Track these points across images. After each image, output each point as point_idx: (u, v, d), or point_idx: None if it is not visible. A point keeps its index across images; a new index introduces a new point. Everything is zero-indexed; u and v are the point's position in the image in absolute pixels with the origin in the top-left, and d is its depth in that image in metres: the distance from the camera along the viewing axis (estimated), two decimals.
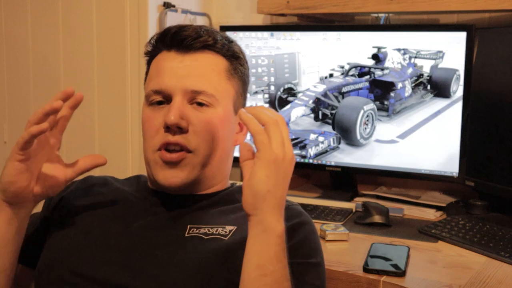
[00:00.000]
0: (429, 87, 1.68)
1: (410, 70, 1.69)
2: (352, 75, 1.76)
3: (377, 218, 1.57)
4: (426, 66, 1.67)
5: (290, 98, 1.84)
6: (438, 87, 1.67)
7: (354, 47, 1.74)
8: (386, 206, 1.62)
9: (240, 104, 1.12)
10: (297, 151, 1.84)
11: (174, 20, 1.87)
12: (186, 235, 1.01)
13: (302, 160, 1.84)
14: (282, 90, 1.85)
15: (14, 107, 2.15)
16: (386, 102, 1.73)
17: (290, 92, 1.84)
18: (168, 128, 1.02)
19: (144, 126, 1.07)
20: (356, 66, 1.75)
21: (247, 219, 0.91)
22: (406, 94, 1.70)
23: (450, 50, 1.63)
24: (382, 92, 1.73)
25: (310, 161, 1.83)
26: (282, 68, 1.84)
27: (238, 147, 1.01)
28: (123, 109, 1.86)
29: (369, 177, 1.91)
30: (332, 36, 1.76)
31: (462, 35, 1.60)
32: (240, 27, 1.89)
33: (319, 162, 1.83)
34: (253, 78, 1.88)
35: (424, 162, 1.70)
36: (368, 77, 1.74)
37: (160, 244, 1.00)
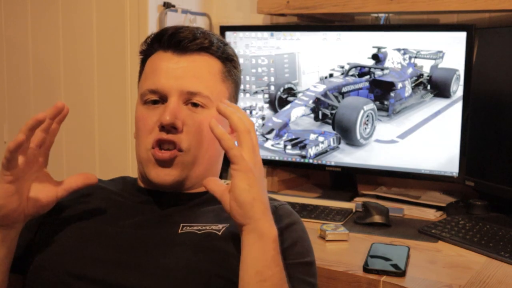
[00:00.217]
0: (429, 87, 1.68)
1: (410, 70, 1.69)
2: (352, 75, 1.76)
3: (377, 218, 1.57)
4: (426, 66, 1.67)
5: (290, 98, 1.84)
6: (438, 87, 1.67)
7: (354, 47, 1.74)
8: (386, 206, 1.62)
9: None
10: (297, 151, 1.84)
11: (174, 20, 1.87)
12: (179, 232, 1.02)
13: (302, 160, 1.84)
14: (282, 90, 1.85)
15: (14, 107, 2.15)
16: (386, 102, 1.73)
17: (290, 92, 1.84)
18: (163, 127, 1.03)
19: (138, 125, 1.08)
20: (356, 66, 1.75)
21: (239, 229, 0.92)
22: (406, 94, 1.70)
23: (450, 50, 1.63)
24: (382, 92, 1.73)
25: (310, 161, 1.83)
26: (282, 68, 1.84)
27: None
28: (123, 109, 1.86)
29: (369, 177, 1.91)
30: (332, 36, 1.76)
31: (462, 35, 1.60)
32: (240, 27, 1.89)
33: (319, 162, 1.83)
34: (253, 78, 1.88)
35: (424, 162, 1.70)
36: (368, 77, 1.74)
37: (154, 242, 1.01)
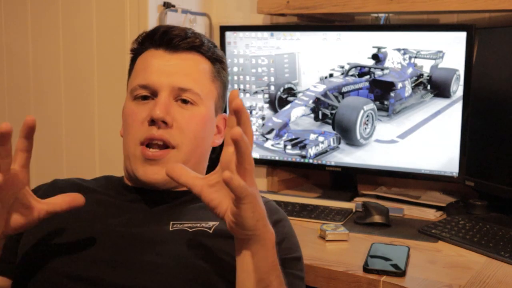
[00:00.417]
0: (429, 87, 1.68)
1: (410, 70, 1.69)
2: (352, 75, 1.76)
3: (377, 218, 1.57)
4: (426, 66, 1.67)
5: (290, 98, 1.84)
6: (438, 87, 1.67)
7: (354, 47, 1.74)
8: (386, 206, 1.62)
9: (220, 106, 1.15)
10: (297, 151, 1.84)
11: (174, 20, 1.87)
12: (170, 230, 1.03)
13: (302, 160, 1.84)
14: (282, 90, 1.85)
15: (14, 107, 2.15)
16: (386, 102, 1.73)
17: (290, 92, 1.84)
18: (153, 122, 1.04)
19: (127, 120, 1.09)
20: (356, 66, 1.75)
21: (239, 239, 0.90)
22: (406, 94, 1.70)
23: (450, 50, 1.63)
24: (382, 92, 1.73)
25: (310, 161, 1.83)
26: (282, 68, 1.84)
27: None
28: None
29: (369, 177, 1.91)
30: (332, 36, 1.76)
31: (462, 35, 1.60)
32: (240, 27, 1.89)
33: (319, 162, 1.83)
34: (253, 78, 1.88)
35: (424, 162, 1.70)
36: (368, 77, 1.74)
37: (146, 240, 1.01)
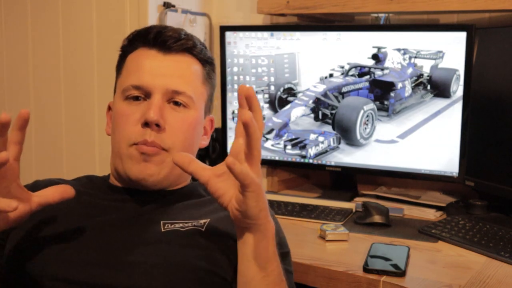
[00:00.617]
0: (429, 87, 1.68)
1: (410, 70, 1.69)
2: (352, 75, 1.76)
3: (377, 218, 1.57)
4: (426, 66, 1.67)
5: (290, 98, 1.84)
6: (438, 87, 1.67)
7: (354, 47, 1.74)
8: (386, 206, 1.62)
9: (208, 108, 1.16)
10: (297, 151, 1.84)
11: (174, 20, 1.87)
12: (163, 231, 1.03)
13: (302, 160, 1.84)
14: (282, 90, 1.85)
15: (14, 107, 2.15)
16: (386, 102, 1.73)
17: (290, 92, 1.84)
18: (146, 124, 1.04)
19: (119, 120, 1.08)
20: (356, 66, 1.75)
21: (240, 227, 0.92)
22: (406, 94, 1.70)
23: (450, 50, 1.63)
24: (382, 92, 1.73)
25: (310, 161, 1.83)
26: (282, 68, 1.84)
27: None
28: None
29: (369, 177, 1.91)
30: (332, 36, 1.76)
31: (462, 35, 1.60)
32: (240, 27, 1.89)
33: (319, 162, 1.83)
34: (253, 78, 1.88)
35: (424, 162, 1.70)
36: (368, 77, 1.74)
37: (139, 240, 1.01)
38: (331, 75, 1.78)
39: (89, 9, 1.91)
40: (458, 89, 1.63)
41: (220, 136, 1.96)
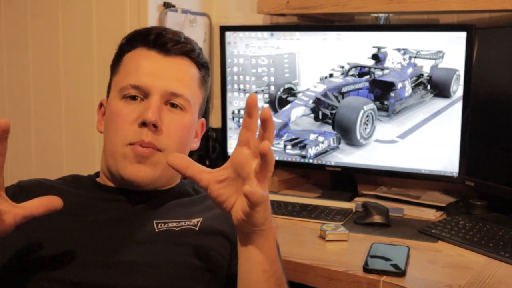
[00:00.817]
0: (429, 87, 1.68)
1: (410, 70, 1.69)
2: (352, 75, 1.76)
3: (377, 218, 1.57)
4: (426, 66, 1.67)
5: (290, 98, 1.83)
6: (438, 87, 1.67)
7: (354, 47, 1.74)
8: (386, 206, 1.62)
9: (201, 112, 1.17)
10: (297, 151, 1.84)
11: (174, 20, 1.87)
12: (157, 230, 1.04)
13: (302, 160, 1.84)
14: (282, 90, 1.85)
15: (14, 107, 2.15)
16: (386, 102, 1.73)
17: (290, 92, 1.84)
18: (143, 124, 1.04)
19: (115, 119, 1.07)
20: (356, 66, 1.75)
21: (238, 232, 0.92)
22: (406, 94, 1.70)
23: (450, 50, 1.63)
24: (382, 92, 1.73)
25: (310, 161, 1.83)
26: (282, 68, 1.84)
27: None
28: None
29: (369, 177, 1.91)
30: (332, 36, 1.76)
31: (462, 35, 1.60)
32: (240, 27, 1.89)
33: (319, 162, 1.83)
34: (253, 78, 1.88)
35: (424, 162, 1.70)
36: (368, 77, 1.74)
37: (134, 240, 1.02)
38: (331, 75, 1.78)
39: (89, 9, 1.91)
40: (458, 89, 1.63)
41: (220, 136, 1.97)
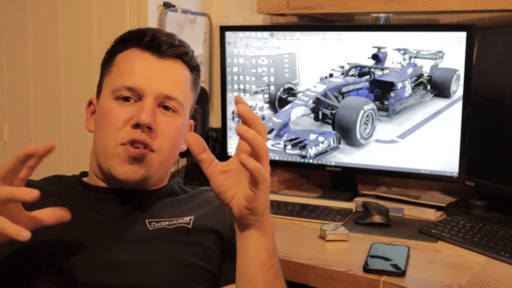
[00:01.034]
0: (429, 87, 1.68)
1: (410, 70, 1.69)
2: (352, 75, 1.76)
3: (377, 218, 1.57)
4: (426, 66, 1.67)
5: (290, 98, 1.84)
6: (438, 87, 1.67)
7: (354, 47, 1.74)
8: (386, 206, 1.62)
9: (191, 114, 1.18)
10: (297, 151, 1.84)
11: (174, 20, 1.87)
12: (151, 229, 1.05)
13: (302, 160, 1.84)
14: (282, 90, 1.85)
15: (14, 108, 2.15)
16: (386, 102, 1.73)
17: (290, 92, 1.84)
18: (137, 126, 1.04)
19: (108, 119, 1.08)
20: (356, 66, 1.75)
21: (240, 224, 0.92)
22: (406, 94, 1.70)
23: (450, 50, 1.63)
24: (382, 92, 1.73)
25: (310, 161, 1.83)
26: (282, 68, 1.84)
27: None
28: None
29: (369, 177, 1.91)
30: (332, 36, 1.76)
31: (462, 35, 1.60)
32: (240, 27, 1.89)
33: (319, 162, 1.83)
34: (253, 78, 1.88)
35: (424, 162, 1.70)
36: (368, 77, 1.74)
37: (128, 239, 1.02)
38: (331, 75, 1.78)
39: (89, 9, 1.91)
40: (458, 89, 1.63)
41: (220, 136, 1.97)
